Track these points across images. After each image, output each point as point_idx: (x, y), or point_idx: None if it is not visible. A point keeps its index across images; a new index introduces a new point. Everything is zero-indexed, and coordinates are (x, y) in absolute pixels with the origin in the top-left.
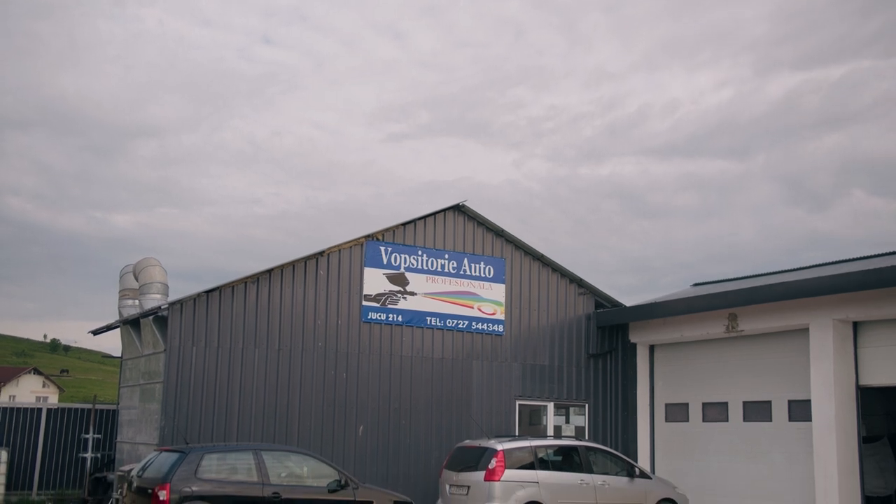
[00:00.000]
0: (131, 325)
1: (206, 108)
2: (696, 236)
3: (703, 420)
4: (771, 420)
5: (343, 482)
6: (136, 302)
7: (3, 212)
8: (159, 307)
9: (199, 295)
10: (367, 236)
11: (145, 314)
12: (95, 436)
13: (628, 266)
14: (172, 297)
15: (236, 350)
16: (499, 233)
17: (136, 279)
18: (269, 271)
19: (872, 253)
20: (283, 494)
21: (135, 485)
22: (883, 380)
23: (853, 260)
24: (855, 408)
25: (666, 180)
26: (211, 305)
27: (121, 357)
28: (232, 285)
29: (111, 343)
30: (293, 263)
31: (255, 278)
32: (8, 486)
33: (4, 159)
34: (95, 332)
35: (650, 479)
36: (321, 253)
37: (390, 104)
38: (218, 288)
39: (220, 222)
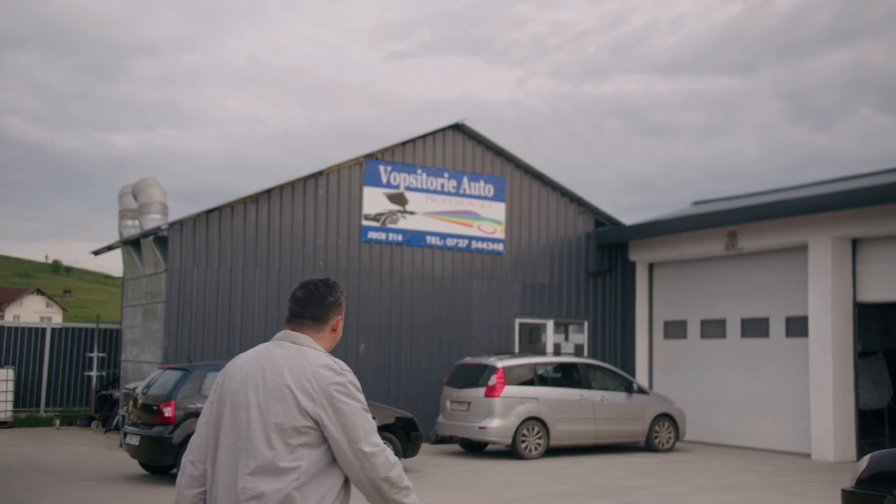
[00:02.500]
0: (132, 245)
1: (206, 26)
2: (700, 155)
3: (702, 337)
4: (768, 336)
5: None
6: (136, 222)
7: (1, 132)
8: (159, 227)
9: (199, 215)
10: (367, 155)
11: (145, 234)
12: (100, 354)
13: (630, 185)
14: (173, 218)
15: (237, 270)
16: (498, 151)
17: (136, 199)
18: (269, 191)
19: (877, 170)
20: None
21: (140, 402)
22: (880, 296)
23: (854, 177)
24: (851, 324)
25: (670, 98)
26: (211, 225)
27: (122, 277)
28: (232, 205)
29: (112, 263)
30: (293, 183)
31: (255, 198)
32: (16, 403)
33: (1, 79)
34: (97, 253)
35: (648, 394)
36: (320, 172)
37: (392, 21)
38: (218, 208)
39: (221, 142)
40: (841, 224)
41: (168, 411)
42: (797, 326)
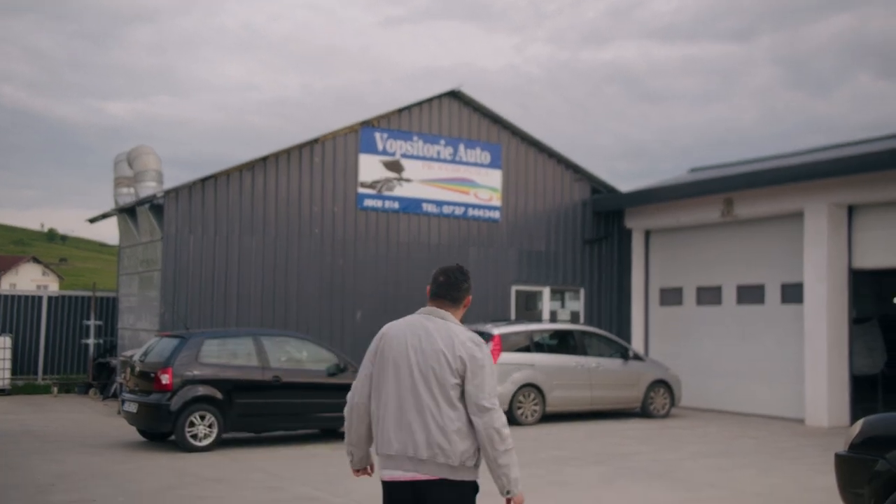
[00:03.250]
0: (128, 213)
1: None
2: (697, 121)
3: (697, 304)
4: (763, 303)
5: (342, 366)
6: (132, 190)
7: None
8: (155, 195)
9: (194, 183)
10: (363, 123)
11: (141, 202)
12: (97, 322)
13: (627, 151)
14: (169, 185)
15: (233, 237)
16: (495, 118)
17: (131, 167)
18: (265, 159)
19: (874, 136)
20: (283, 378)
21: (137, 369)
22: (875, 263)
23: (851, 144)
24: (847, 290)
25: (668, 64)
26: (207, 193)
27: (118, 245)
28: (227, 173)
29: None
30: (288, 151)
31: (251, 166)
32: (14, 371)
33: None
34: (92, 221)
35: (643, 361)
36: (316, 140)
37: None
38: (213, 176)
39: (216, 109)
40: (837, 191)
41: (165, 378)
42: (792, 293)
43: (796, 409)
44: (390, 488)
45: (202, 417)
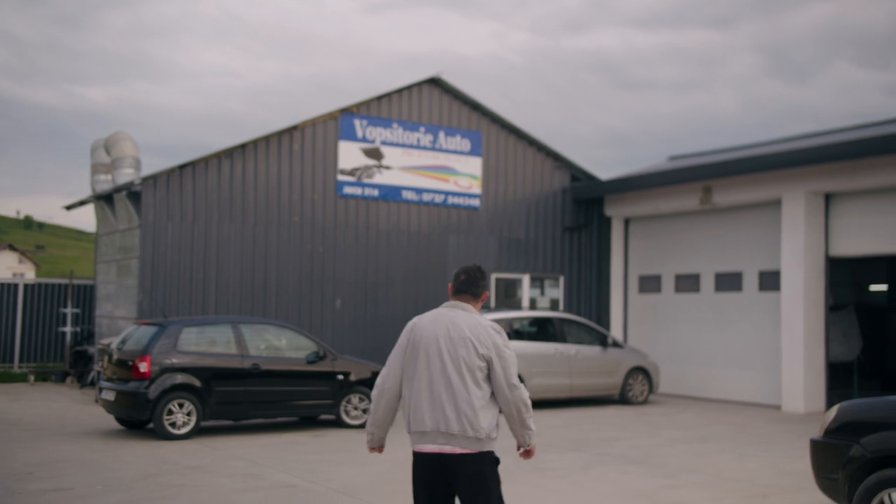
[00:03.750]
0: (105, 200)
1: None
2: (678, 109)
3: (676, 291)
4: (741, 290)
5: (321, 354)
6: (109, 177)
7: None
8: (132, 182)
9: (172, 170)
10: (342, 110)
11: (118, 189)
12: (74, 310)
13: (608, 140)
14: (147, 172)
15: (212, 225)
16: (475, 106)
17: (108, 154)
18: (244, 146)
19: (853, 125)
20: (263, 366)
21: (115, 357)
22: (852, 250)
23: (828, 132)
24: (823, 278)
25: (649, 52)
26: (185, 180)
27: (96, 232)
28: (206, 160)
29: (85, 219)
30: (267, 138)
31: (230, 153)
32: None
33: None
34: (69, 208)
35: (622, 348)
36: (295, 127)
37: None
38: (192, 163)
39: (195, 96)
40: (814, 179)
41: (143, 366)
42: (770, 280)
43: (773, 396)
44: (422, 459)
45: (180, 405)
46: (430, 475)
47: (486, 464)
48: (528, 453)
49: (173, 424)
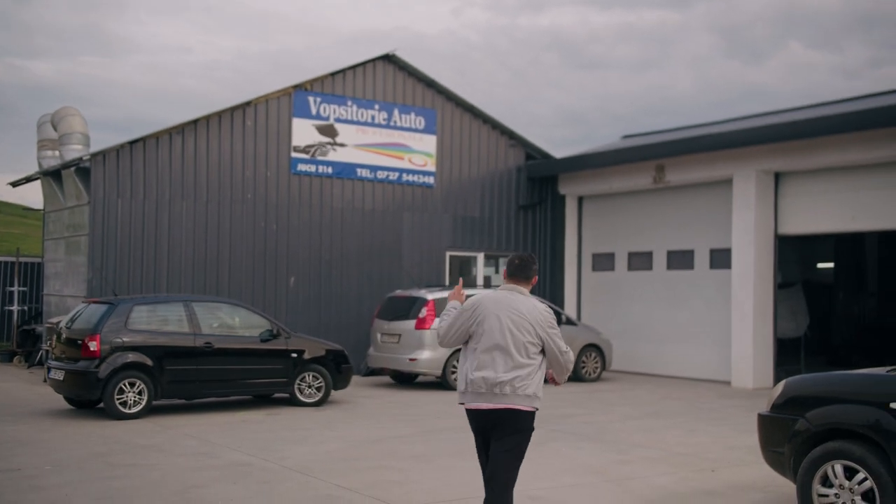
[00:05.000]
0: (52, 176)
1: None
2: (633, 89)
3: (629, 269)
4: (693, 268)
5: (275, 332)
6: (57, 153)
7: None
8: (81, 158)
9: (122, 146)
10: (295, 86)
11: (66, 165)
12: (21, 289)
13: (565, 119)
14: (96, 148)
15: (163, 202)
16: (430, 83)
17: (55, 129)
18: (195, 121)
19: (803, 105)
20: (216, 344)
21: (64, 336)
22: (800, 229)
23: (779, 112)
24: (772, 256)
25: (605, 31)
26: (135, 157)
27: (43, 210)
28: (156, 136)
29: (32, 195)
30: (220, 114)
31: (181, 129)
32: None
33: None
34: (15, 184)
35: (576, 325)
36: (248, 103)
37: None
38: (142, 139)
39: (147, 71)
40: (764, 158)
41: (93, 345)
42: (721, 258)
43: (723, 372)
44: (476, 415)
45: (132, 384)
46: (484, 426)
47: (527, 420)
48: (556, 383)
49: (124, 404)
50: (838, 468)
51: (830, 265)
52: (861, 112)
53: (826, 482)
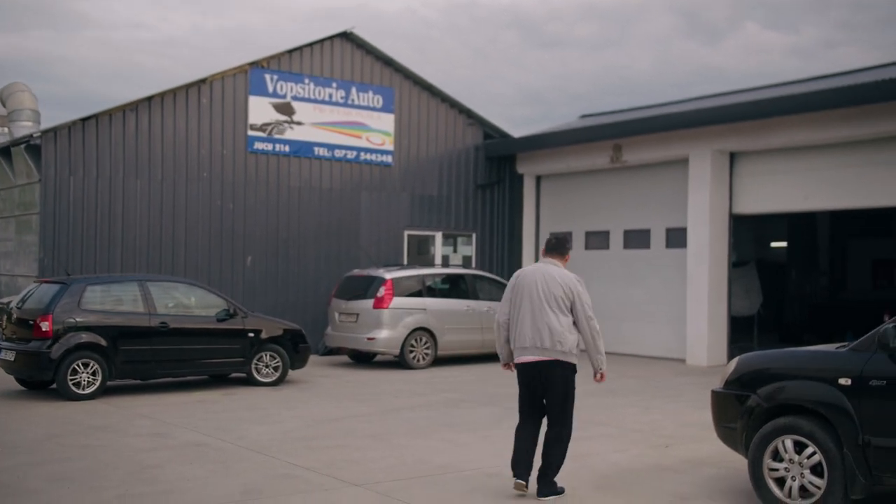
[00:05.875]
0: (1, 154)
1: None
2: (593, 68)
3: (586, 248)
4: (649, 247)
5: (232, 311)
6: (6, 129)
7: None
8: (31, 135)
9: (74, 123)
10: (252, 63)
11: (16, 143)
12: None
13: (524, 98)
14: (47, 125)
15: (117, 180)
16: (388, 62)
17: (4, 106)
18: (149, 99)
19: (759, 85)
20: (171, 324)
21: (15, 316)
22: (754, 208)
23: (735, 92)
24: (727, 235)
25: (565, 9)
26: (87, 134)
27: None
28: (109, 113)
29: None
30: (174, 91)
31: (134, 106)
32: None
33: None
34: None
35: None
36: (203, 80)
37: None
38: (94, 116)
39: (101, 47)
40: (720, 138)
41: (45, 326)
42: (677, 237)
43: (678, 350)
44: (523, 367)
45: (85, 365)
46: (529, 378)
47: (568, 369)
48: (602, 377)
49: (77, 384)
50: (788, 443)
51: (783, 244)
52: (814, 93)
53: (777, 457)
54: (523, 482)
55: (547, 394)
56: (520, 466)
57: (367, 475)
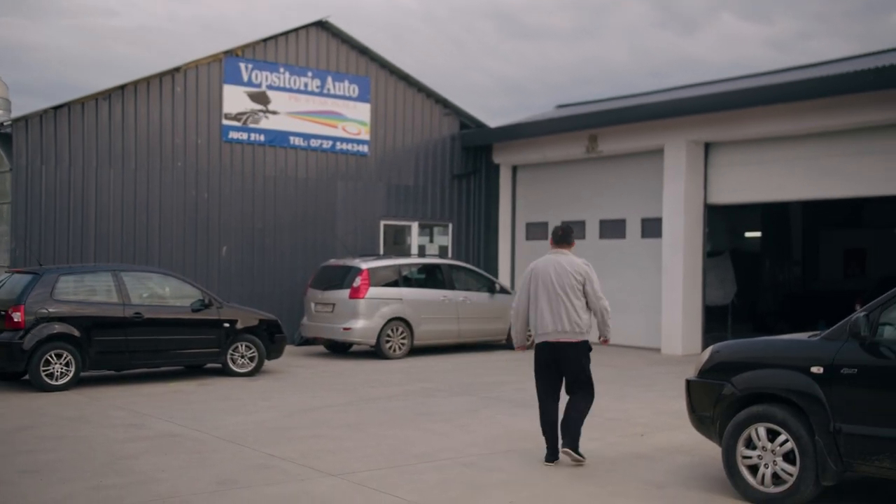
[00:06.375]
0: None
1: None
2: (570, 58)
3: None
4: (625, 237)
5: (207, 302)
6: None
7: None
8: (1, 123)
9: (45, 111)
10: (226, 52)
11: None
12: None
13: (502, 88)
14: (18, 113)
15: (90, 169)
16: (363, 51)
17: None
18: (122, 87)
19: (734, 76)
20: (146, 314)
21: None
22: (728, 198)
23: (711, 83)
24: (702, 225)
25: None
26: (60, 123)
27: None
28: (82, 101)
29: None
30: (148, 79)
31: (108, 94)
32: None
33: None
34: None
35: (509, 294)
36: (178, 69)
37: None
38: (67, 104)
39: (73, 34)
40: (695, 128)
41: (17, 316)
42: (652, 227)
43: (653, 339)
44: (545, 347)
45: (58, 356)
46: (548, 357)
47: (584, 348)
48: (606, 342)
49: (51, 375)
50: (761, 431)
51: (757, 234)
52: (788, 84)
53: (750, 444)
54: (573, 451)
55: (567, 369)
56: (564, 438)
57: (343, 465)
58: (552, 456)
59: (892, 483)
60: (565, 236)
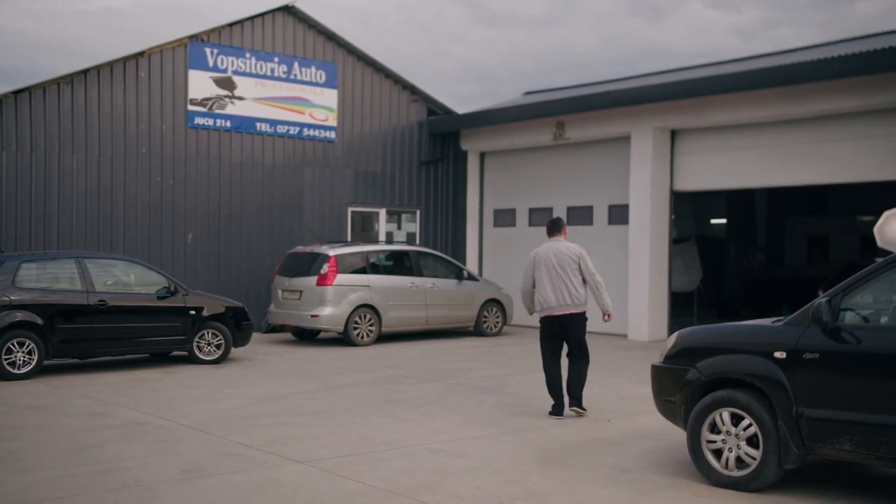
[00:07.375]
0: None
1: None
2: (538, 45)
3: (530, 225)
4: (592, 224)
5: (172, 289)
6: None
7: None
8: None
9: (6, 95)
10: (191, 37)
11: None
12: None
13: (470, 75)
14: None
15: (52, 155)
16: (330, 36)
17: None
18: (85, 72)
19: (701, 63)
20: (110, 302)
21: None
22: (694, 185)
23: (678, 70)
24: (668, 211)
25: None
26: (20, 108)
27: None
28: (43, 86)
29: None
30: (111, 64)
31: (70, 79)
32: None
33: None
34: None
35: (477, 281)
36: (142, 53)
37: None
38: (27, 88)
39: (35, 18)
40: (661, 115)
41: None
42: (619, 214)
43: (620, 325)
44: (550, 320)
45: (21, 344)
46: (555, 328)
47: (583, 318)
48: (609, 317)
49: (13, 364)
50: (726, 415)
51: (723, 221)
52: (754, 71)
53: (714, 429)
54: (578, 408)
55: (569, 337)
56: (571, 398)
57: (310, 452)
58: (559, 410)
59: (851, 465)
60: (556, 227)
